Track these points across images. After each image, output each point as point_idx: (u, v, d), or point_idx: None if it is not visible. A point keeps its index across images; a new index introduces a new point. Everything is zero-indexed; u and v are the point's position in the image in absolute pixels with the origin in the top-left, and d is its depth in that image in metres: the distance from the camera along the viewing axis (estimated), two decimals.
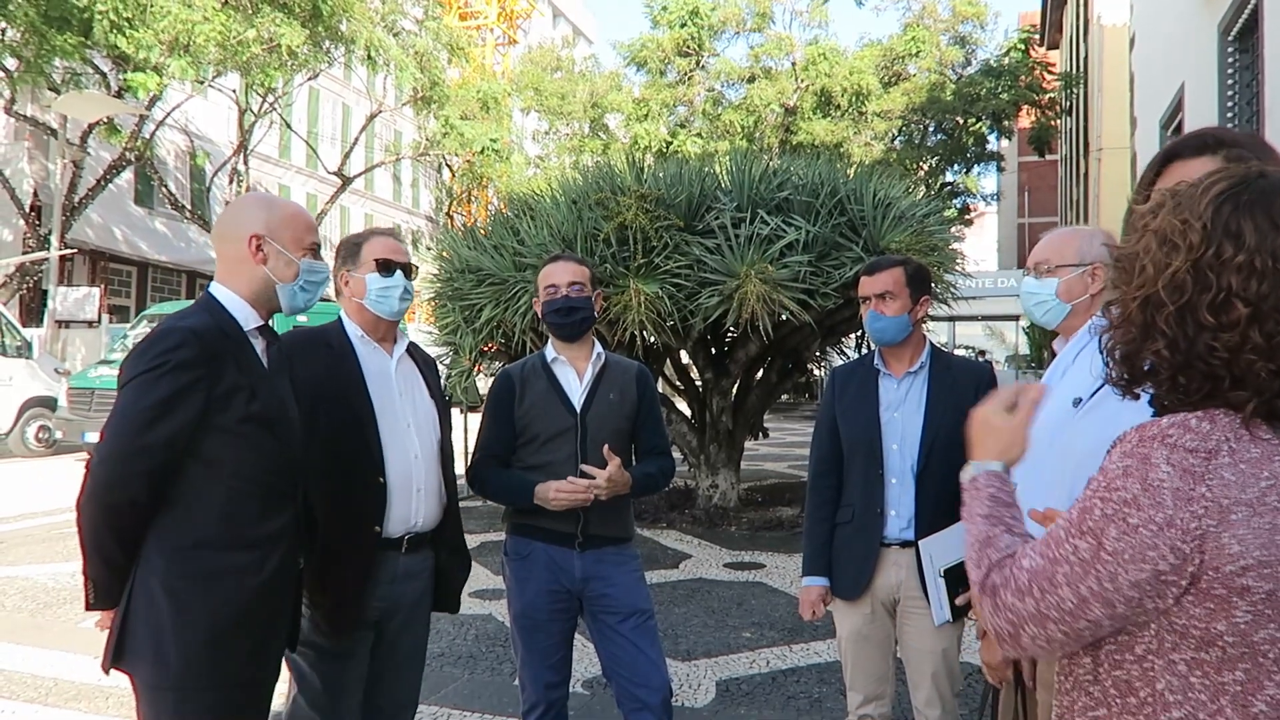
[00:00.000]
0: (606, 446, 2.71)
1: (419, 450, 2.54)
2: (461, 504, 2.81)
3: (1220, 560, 1.03)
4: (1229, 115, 9.31)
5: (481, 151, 22.40)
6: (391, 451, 2.47)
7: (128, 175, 21.93)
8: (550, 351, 2.92)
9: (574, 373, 2.89)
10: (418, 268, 2.66)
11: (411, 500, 2.51)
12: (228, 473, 1.96)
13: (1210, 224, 1.10)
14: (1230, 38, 9.17)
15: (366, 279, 2.52)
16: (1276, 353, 1.06)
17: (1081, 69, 26.20)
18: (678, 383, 9.59)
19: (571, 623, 2.90)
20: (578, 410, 2.83)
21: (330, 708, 2.45)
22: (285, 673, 2.36)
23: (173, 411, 1.88)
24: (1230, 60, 9.31)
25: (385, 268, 2.53)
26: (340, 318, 2.59)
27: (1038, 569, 1.13)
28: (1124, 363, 1.20)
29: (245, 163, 20.87)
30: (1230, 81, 9.33)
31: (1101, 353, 1.23)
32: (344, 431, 2.42)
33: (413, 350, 2.69)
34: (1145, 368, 1.16)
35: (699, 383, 9.07)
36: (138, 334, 13.91)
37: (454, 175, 29.09)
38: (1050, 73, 24.11)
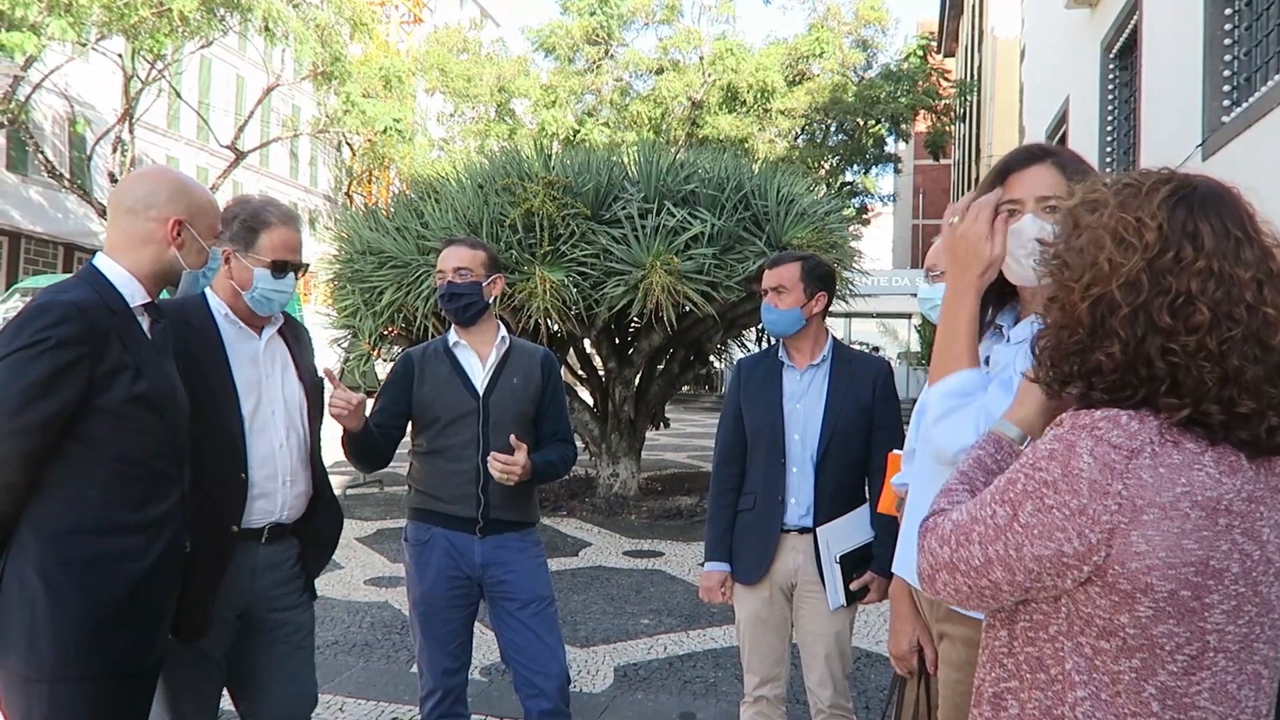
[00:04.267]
0: (514, 436, 2.70)
1: (284, 439, 2.37)
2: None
3: (1126, 557, 1.06)
4: (1109, 127, 9.83)
5: (384, 131, 21.81)
6: (256, 443, 2.31)
7: None
8: (452, 336, 2.92)
9: (476, 357, 2.88)
10: (308, 265, 2.47)
11: (277, 492, 2.35)
12: (110, 455, 1.87)
13: (1166, 224, 1.10)
14: (1112, 55, 9.67)
15: (255, 273, 2.30)
16: (1225, 357, 1.06)
17: (975, 78, 27.21)
18: (581, 371, 9.61)
19: (471, 609, 2.89)
20: (480, 393, 2.83)
21: (185, 704, 2.31)
22: None
23: (52, 391, 1.78)
24: (1111, 76, 9.82)
25: (280, 269, 2.32)
26: (205, 293, 2.35)
27: (960, 523, 1.18)
28: (1062, 364, 1.17)
29: (130, 132, 19.82)
30: (1111, 96, 9.84)
31: (1032, 352, 1.24)
32: (205, 422, 2.19)
33: (285, 326, 2.49)
34: (1076, 369, 1.15)
35: (602, 372, 9.10)
36: (9, 308, 13.12)
37: (355, 154, 28.30)
38: (946, 80, 24.95)
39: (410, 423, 2.92)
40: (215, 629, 2.29)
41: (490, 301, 2.90)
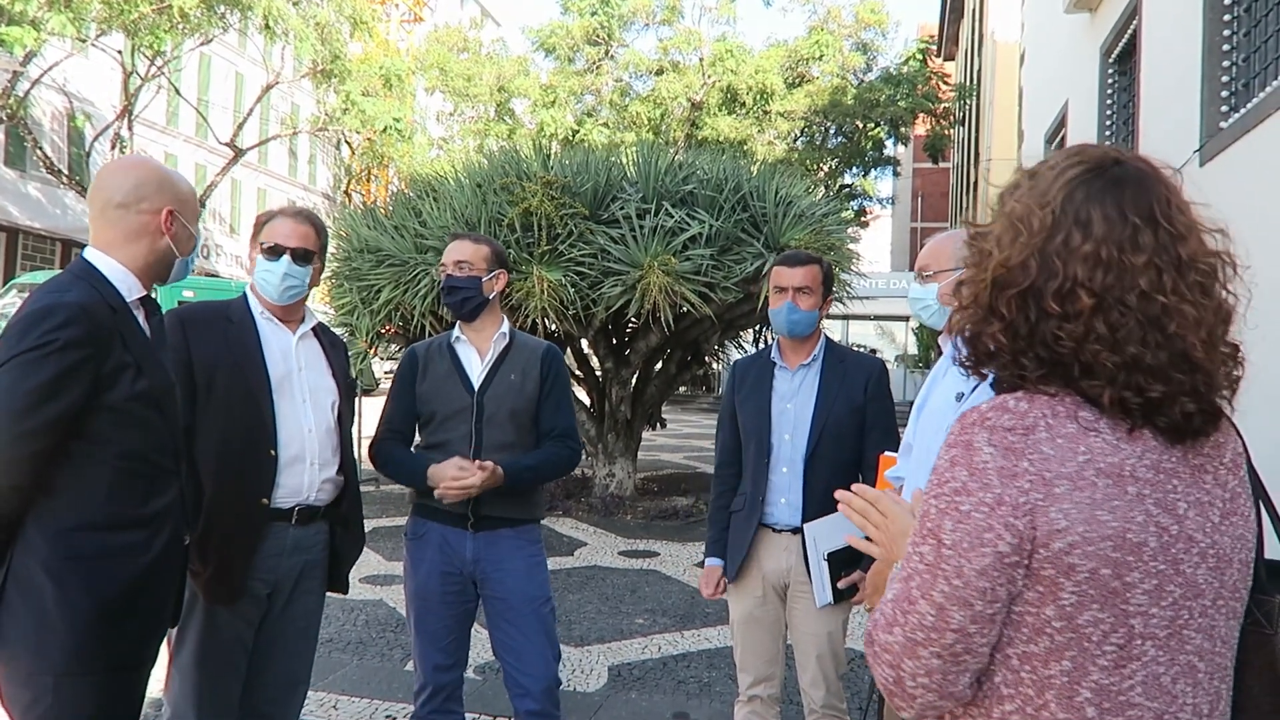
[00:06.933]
0: (476, 462, 2.70)
1: (313, 425, 2.55)
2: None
3: (1049, 537, 1.02)
4: (1107, 132, 9.84)
5: (383, 130, 21.79)
6: (285, 424, 2.49)
7: None
8: (455, 331, 2.94)
9: (476, 353, 2.89)
10: (311, 251, 2.60)
11: (304, 473, 2.52)
12: (113, 452, 1.89)
13: (1060, 209, 1.10)
14: (1111, 59, 9.69)
15: (257, 260, 2.56)
16: (1121, 344, 1.05)
17: (975, 82, 27.24)
18: (578, 371, 9.60)
19: (467, 607, 2.88)
20: (475, 389, 2.83)
21: (212, 680, 2.42)
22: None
23: (59, 393, 1.79)
24: (1110, 81, 9.83)
25: (271, 252, 2.54)
26: (245, 294, 2.61)
27: (897, 595, 1.10)
28: (969, 344, 1.17)
29: (129, 128, 19.79)
30: (1109, 101, 9.86)
31: (951, 333, 1.22)
32: (239, 403, 2.44)
33: (321, 331, 2.71)
34: (989, 349, 1.15)
35: (599, 372, 9.10)
36: (7, 303, 13.11)
37: (354, 153, 28.29)
38: (946, 84, 24.95)
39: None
40: (246, 605, 2.45)
41: (490, 297, 2.89)
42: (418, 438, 2.95)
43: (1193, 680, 1.07)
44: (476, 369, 2.87)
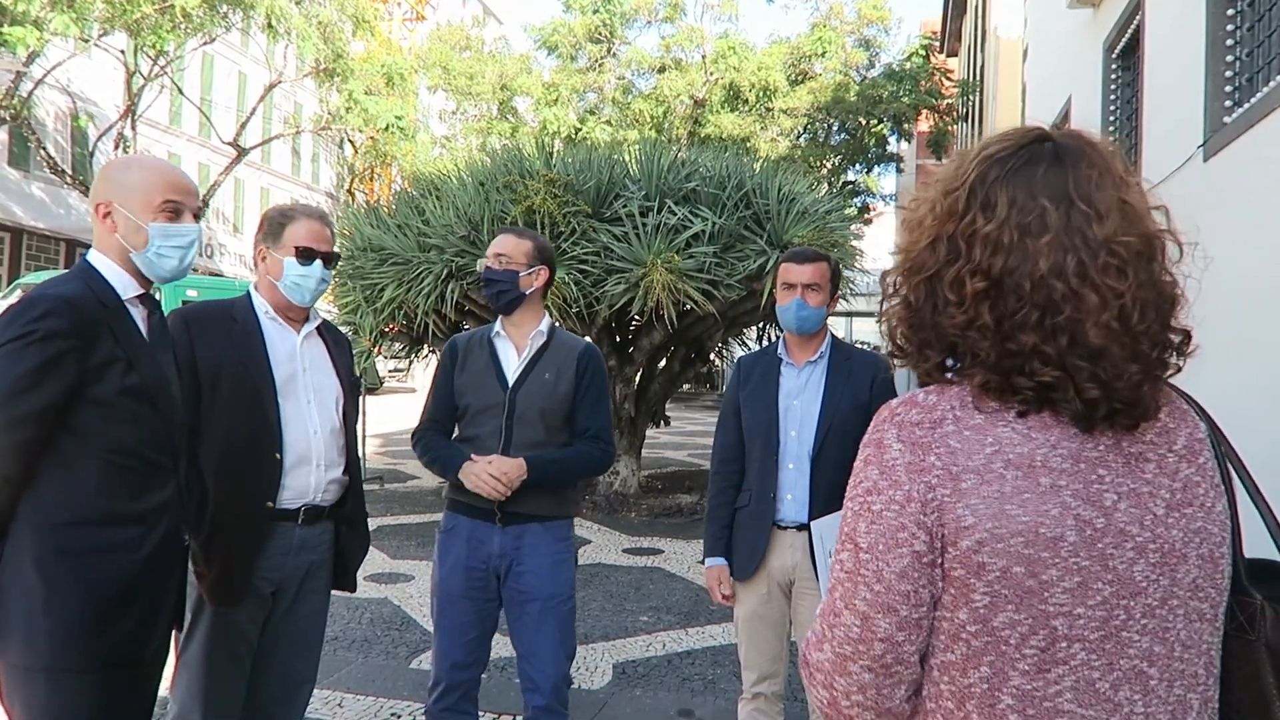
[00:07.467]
0: (473, 455, 2.73)
1: (318, 426, 2.54)
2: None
3: (958, 535, 0.97)
4: (1111, 127, 9.82)
5: (386, 128, 21.80)
6: (291, 426, 2.48)
7: (1, 135, 20.61)
8: (496, 325, 2.93)
9: (514, 348, 2.89)
10: (339, 255, 2.64)
11: (310, 474, 2.51)
12: (102, 446, 1.89)
13: (969, 189, 1.04)
14: (1114, 55, 9.66)
15: (284, 263, 2.50)
16: (1014, 332, 0.99)
17: (978, 77, 27.17)
18: None
19: (490, 605, 2.86)
20: (509, 385, 2.82)
21: (216, 679, 2.42)
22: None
23: (43, 383, 1.80)
24: (1114, 76, 9.81)
25: (305, 255, 2.51)
26: (249, 293, 2.58)
27: (823, 608, 1.05)
28: (887, 335, 1.12)
29: (133, 128, 19.82)
30: (1113, 96, 9.84)
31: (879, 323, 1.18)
32: (244, 405, 2.42)
33: (325, 329, 2.70)
34: (897, 340, 1.11)
35: None
36: (10, 303, 13.12)
37: (356, 151, 28.31)
38: (949, 79, 24.91)
39: None
40: (251, 605, 2.45)
41: (527, 292, 2.87)
42: (457, 430, 2.96)
43: (1141, 688, 0.98)
44: (513, 365, 2.86)
